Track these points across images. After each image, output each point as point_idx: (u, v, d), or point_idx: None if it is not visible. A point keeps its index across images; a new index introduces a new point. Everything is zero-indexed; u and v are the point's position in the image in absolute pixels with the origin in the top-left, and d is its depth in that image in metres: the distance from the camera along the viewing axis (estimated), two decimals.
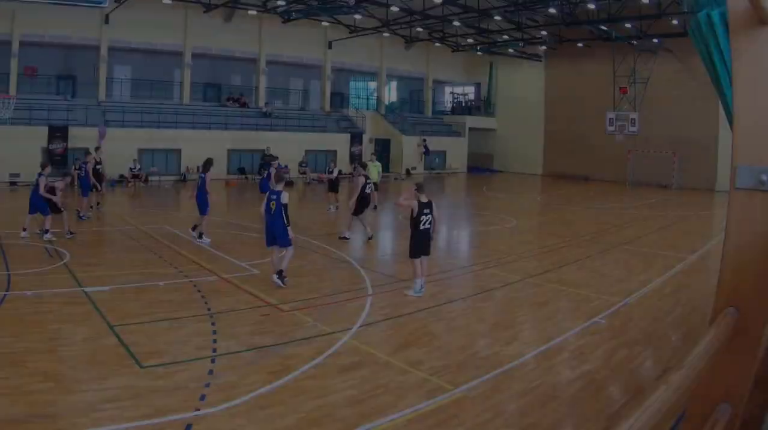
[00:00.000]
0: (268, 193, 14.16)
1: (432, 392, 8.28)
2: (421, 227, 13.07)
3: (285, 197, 13.50)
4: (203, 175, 18.44)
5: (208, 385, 8.20)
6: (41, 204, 17.66)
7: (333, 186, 26.19)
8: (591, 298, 13.63)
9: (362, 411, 7.65)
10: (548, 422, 7.61)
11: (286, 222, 13.40)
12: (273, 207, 13.45)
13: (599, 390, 8.65)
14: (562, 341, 10.74)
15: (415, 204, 13.11)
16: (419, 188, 13.31)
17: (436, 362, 9.47)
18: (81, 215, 21.73)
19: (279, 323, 11.14)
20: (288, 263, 13.68)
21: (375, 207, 26.48)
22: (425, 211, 13.08)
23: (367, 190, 19.88)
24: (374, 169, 27.33)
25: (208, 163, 18.72)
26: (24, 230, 17.66)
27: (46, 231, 17.45)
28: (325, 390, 8.23)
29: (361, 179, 19.64)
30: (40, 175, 17.93)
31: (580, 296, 13.85)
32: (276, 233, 13.53)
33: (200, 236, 18.36)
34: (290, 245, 13.68)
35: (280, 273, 13.46)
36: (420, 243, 13.20)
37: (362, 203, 19.51)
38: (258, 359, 9.29)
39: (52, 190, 17.69)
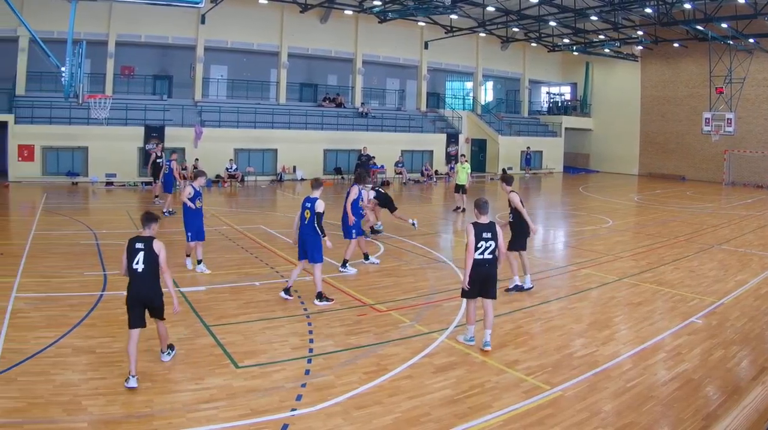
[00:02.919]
0: (303, 200, 12.52)
1: (528, 392, 8.32)
2: (477, 256, 9.86)
3: (321, 206, 12.20)
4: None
5: (304, 385, 8.38)
6: None
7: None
8: (687, 298, 13.46)
9: (458, 411, 7.74)
10: (645, 422, 7.53)
11: (321, 234, 12.12)
12: (308, 216, 12.22)
13: (696, 390, 8.52)
14: (658, 341, 10.67)
15: (470, 228, 9.99)
16: (478, 207, 10.18)
17: (532, 362, 9.50)
18: (164, 211, 22.30)
19: (375, 323, 11.28)
20: (321, 282, 12.55)
21: (463, 210, 26.16)
22: (484, 235, 9.88)
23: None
24: (462, 172, 27.10)
25: (359, 176, 16.55)
26: None
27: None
28: (421, 390, 8.33)
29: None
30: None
31: (677, 296, 13.68)
32: (308, 246, 12.27)
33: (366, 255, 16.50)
34: (321, 261, 12.36)
35: (319, 295, 12.35)
36: (475, 278, 9.96)
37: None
38: (354, 359, 9.44)
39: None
